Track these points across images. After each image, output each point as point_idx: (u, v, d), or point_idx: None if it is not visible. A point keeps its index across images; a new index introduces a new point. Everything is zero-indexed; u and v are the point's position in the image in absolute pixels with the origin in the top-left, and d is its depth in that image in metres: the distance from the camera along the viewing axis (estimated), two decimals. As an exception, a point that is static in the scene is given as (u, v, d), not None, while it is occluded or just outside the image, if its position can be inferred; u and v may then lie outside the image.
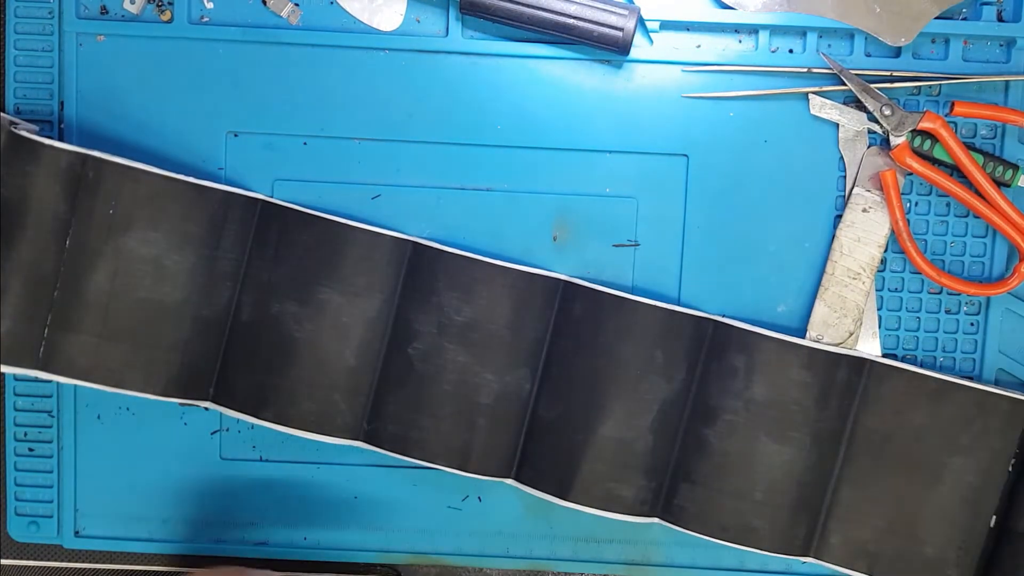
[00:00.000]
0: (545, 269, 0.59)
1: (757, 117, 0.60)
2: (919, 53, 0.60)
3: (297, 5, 0.60)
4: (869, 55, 0.60)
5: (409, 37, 0.60)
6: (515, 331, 0.58)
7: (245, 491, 0.63)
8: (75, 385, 0.59)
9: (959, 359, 0.61)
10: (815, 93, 0.60)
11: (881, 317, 0.61)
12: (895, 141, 0.59)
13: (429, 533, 0.63)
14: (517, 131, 0.60)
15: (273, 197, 0.59)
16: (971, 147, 0.59)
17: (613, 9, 0.57)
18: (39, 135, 0.56)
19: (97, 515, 0.63)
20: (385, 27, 0.60)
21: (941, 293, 0.61)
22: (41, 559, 0.65)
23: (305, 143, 0.61)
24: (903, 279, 0.61)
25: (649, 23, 0.59)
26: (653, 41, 0.60)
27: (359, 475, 0.63)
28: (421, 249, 0.59)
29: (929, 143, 0.59)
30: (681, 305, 0.60)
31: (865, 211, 0.60)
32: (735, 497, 0.58)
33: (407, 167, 0.61)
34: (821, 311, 0.60)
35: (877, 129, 0.59)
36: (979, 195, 0.58)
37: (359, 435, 0.59)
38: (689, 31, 0.60)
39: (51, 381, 0.61)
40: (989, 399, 0.58)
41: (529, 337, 0.59)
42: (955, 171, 0.59)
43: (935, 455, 0.58)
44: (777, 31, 0.59)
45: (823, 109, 0.60)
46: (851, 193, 0.60)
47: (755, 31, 0.60)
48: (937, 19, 0.59)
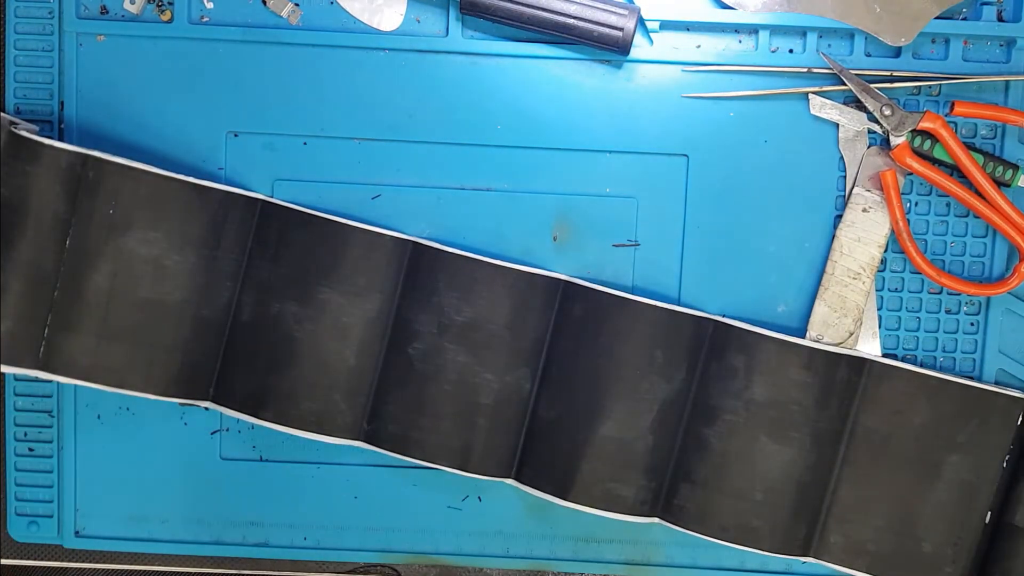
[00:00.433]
0: (545, 269, 0.59)
1: (757, 117, 0.60)
2: (919, 53, 0.60)
3: (297, 5, 0.60)
4: (869, 55, 0.60)
5: (409, 37, 0.60)
6: (515, 331, 0.58)
7: (245, 491, 0.63)
8: (75, 385, 0.59)
9: (959, 359, 0.61)
10: (815, 93, 0.60)
11: (881, 317, 0.61)
12: (895, 141, 0.59)
13: (429, 533, 0.63)
14: (517, 131, 0.60)
15: (273, 197, 0.59)
16: (971, 147, 0.59)
17: (613, 9, 0.57)
18: (39, 135, 0.56)
19: (97, 515, 0.63)
20: (385, 27, 0.60)
21: (941, 293, 0.61)
22: (41, 559, 0.65)
23: (305, 143, 0.61)
24: (903, 279, 0.61)
25: (649, 23, 0.59)
26: (653, 41, 0.60)
27: (359, 475, 0.63)
28: (421, 249, 0.59)
29: (929, 143, 0.59)
30: (681, 305, 0.60)
31: (865, 211, 0.60)
32: (735, 497, 0.58)
33: (407, 167, 0.61)
34: (821, 311, 0.60)
35: (877, 129, 0.59)
36: (979, 195, 0.58)
37: (359, 435, 0.59)
38: (689, 31, 0.60)
39: (51, 381, 0.61)
40: (985, 397, 0.58)
41: (529, 337, 0.59)
42: (955, 171, 0.59)
43: (933, 453, 0.58)
44: (777, 31, 0.59)
45: (823, 109, 0.60)
46: (851, 193, 0.60)
47: (755, 31, 0.60)
48: (937, 19, 0.59)
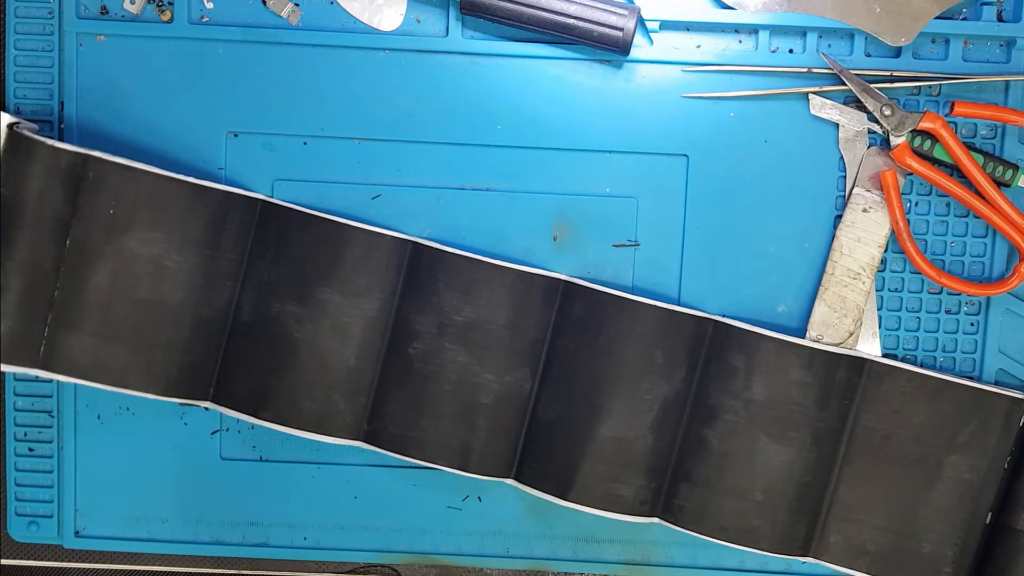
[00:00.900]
0: (545, 269, 0.59)
1: (757, 117, 0.60)
2: (919, 53, 0.60)
3: (297, 5, 0.60)
4: (869, 55, 0.60)
5: (409, 37, 0.60)
6: (515, 331, 0.58)
7: (245, 491, 0.63)
8: (75, 385, 0.59)
9: (959, 359, 0.61)
10: (815, 93, 0.60)
11: (881, 317, 0.61)
12: (895, 141, 0.59)
13: (429, 533, 0.63)
14: (517, 131, 0.60)
15: (273, 197, 0.59)
16: (971, 147, 0.59)
17: (613, 9, 0.57)
18: (39, 135, 0.56)
19: (97, 515, 0.63)
20: (385, 27, 0.60)
21: (941, 293, 0.61)
22: (41, 559, 0.65)
23: (305, 143, 0.61)
24: (903, 279, 0.61)
25: (649, 23, 0.59)
26: (653, 41, 0.60)
27: (359, 475, 0.63)
28: (421, 249, 0.59)
29: (929, 143, 0.59)
30: (681, 305, 0.60)
31: (865, 211, 0.60)
32: (735, 497, 0.58)
33: (407, 167, 0.61)
34: (821, 311, 0.60)
35: (877, 129, 0.59)
36: (979, 195, 0.58)
37: (359, 435, 0.59)
38: (689, 31, 0.60)
39: (52, 380, 0.61)
40: (986, 398, 0.58)
41: (529, 337, 0.59)
42: (955, 171, 0.59)
43: (934, 454, 0.58)
44: (777, 31, 0.59)
45: (823, 109, 0.60)
46: (851, 193, 0.60)
47: (755, 31, 0.60)
48: (937, 19, 0.59)
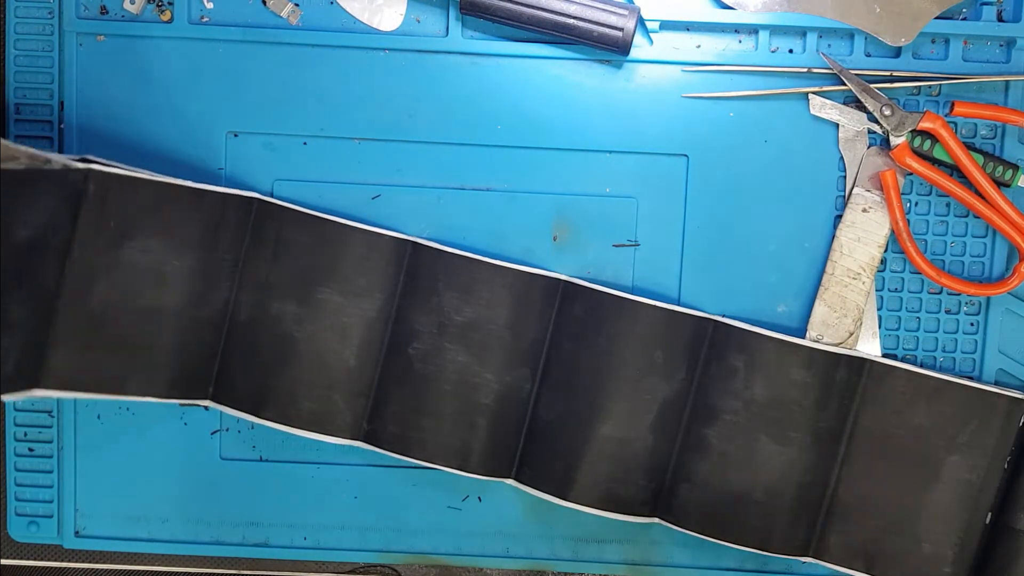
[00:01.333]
0: (545, 269, 0.59)
1: (757, 117, 0.60)
2: (919, 53, 0.60)
3: (297, 5, 0.60)
4: (869, 55, 0.60)
5: (409, 37, 0.60)
6: (515, 331, 0.58)
7: (245, 491, 0.63)
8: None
9: (959, 359, 0.61)
10: (815, 93, 0.60)
11: (881, 317, 0.61)
12: (895, 141, 0.59)
13: (429, 533, 0.63)
14: (517, 131, 0.60)
15: (273, 197, 0.59)
16: (971, 147, 0.59)
17: (613, 9, 0.57)
18: (39, 156, 0.51)
19: (97, 515, 0.63)
20: (385, 27, 0.60)
21: (941, 293, 0.61)
22: (41, 559, 0.65)
23: (305, 143, 0.61)
24: (903, 279, 0.61)
25: (649, 23, 0.59)
26: (653, 41, 0.60)
27: (359, 475, 0.63)
28: (421, 249, 0.59)
29: (929, 143, 0.59)
30: (681, 305, 0.60)
31: (865, 211, 0.60)
32: (735, 497, 0.58)
33: (407, 167, 0.61)
34: (821, 311, 0.60)
35: (877, 129, 0.59)
36: (979, 195, 0.58)
37: (359, 435, 0.59)
38: (689, 31, 0.60)
39: (51, 398, 0.59)
40: (986, 397, 0.58)
41: (529, 337, 0.59)
42: (955, 171, 0.59)
43: (934, 454, 0.58)
44: (777, 31, 0.59)
45: (823, 109, 0.60)
46: (851, 193, 0.60)
47: (755, 31, 0.60)
48: (937, 19, 0.59)
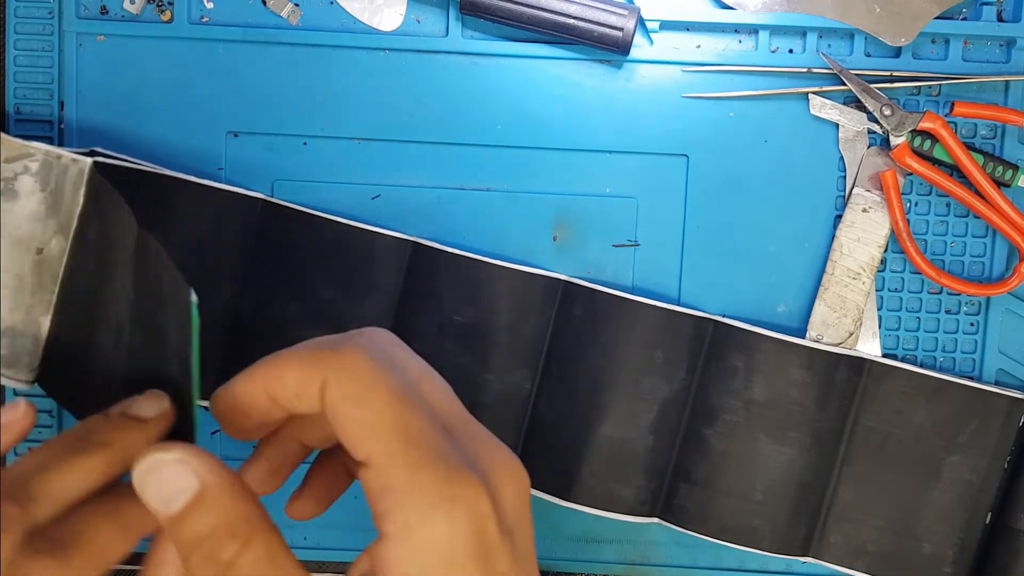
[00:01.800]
0: (545, 269, 0.59)
1: (757, 117, 0.60)
2: (919, 53, 0.60)
3: (297, 5, 0.60)
4: (869, 55, 0.60)
5: (409, 37, 0.60)
6: (515, 331, 0.58)
7: (245, 491, 0.63)
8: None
9: (959, 359, 0.61)
10: (815, 93, 0.60)
11: (881, 317, 0.61)
12: (895, 141, 0.59)
13: (429, 533, 0.63)
14: (517, 131, 0.60)
15: (273, 197, 0.59)
16: (971, 147, 0.59)
17: (613, 9, 0.57)
18: (52, 151, 0.53)
19: (97, 515, 0.63)
20: (385, 27, 0.60)
21: (941, 293, 0.61)
22: (41, 559, 0.65)
23: (305, 143, 0.61)
24: (903, 279, 0.61)
25: (649, 23, 0.59)
26: (653, 41, 0.60)
27: (359, 475, 0.63)
28: (421, 249, 0.59)
29: (929, 143, 0.59)
30: (681, 305, 0.60)
31: (865, 211, 0.60)
32: (735, 497, 0.58)
33: (407, 167, 0.61)
34: (821, 311, 0.60)
35: (877, 129, 0.59)
36: (979, 195, 0.58)
37: (359, 435, 0.59)
38: (689, 31, 0.60)
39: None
40: (986, 397, 0.58)
41: (529, 337, 0.59)
42: (955, 171, 0.59)
43: (934, 454, 0.58)
44: (777, 31, 0.59)
45: (823, 109, 0.60)
46: (851, 193, 0.60)
47: (755, 31, 0.60)
48: (937, 19, 0.59)
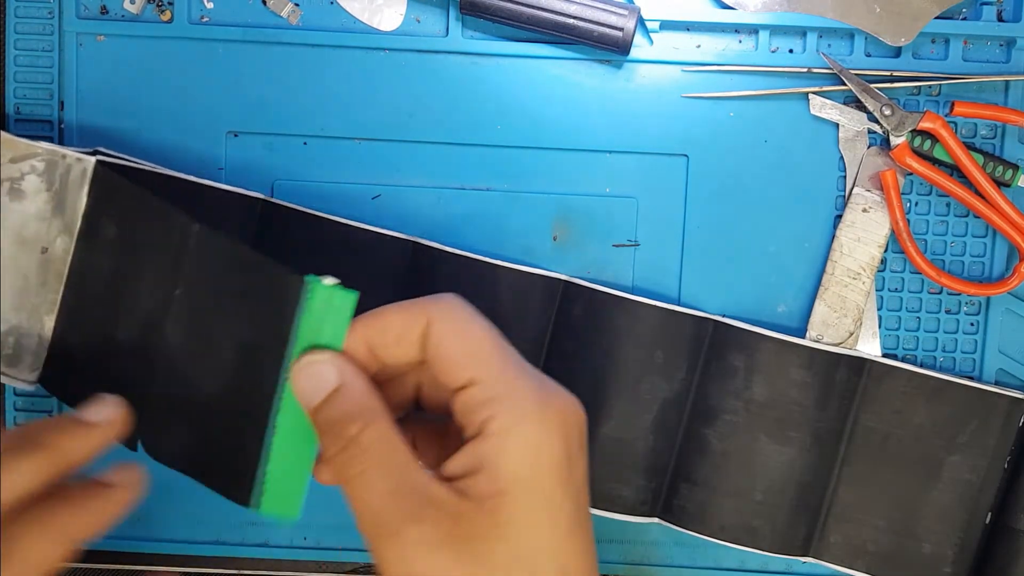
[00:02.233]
0: (545, 269, 0.59)
1: (757, 117, 0.60)
2: (919, 53, 0.60)
3: (297, 5, 0.60)
4: (869, 55, 0.60)
5: (409, 37, 0.60)
6: (515, 331, 0.58)
7: (245, 491, 0.63)
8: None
9: (959, 359, 0.61)
10: (815, 93, 0.60)
11: (881, 317, 0.61)
12: (895, 141, 0.59)
13: (429, 533, 0.63)
14: (517, 131, 0.60)
15: (273, 197, 0.59)
16: (971, 147, 0.59)
17: (613, 9, 0.57)
18: (56, 151, 0.54)
19: (97, 515, 0.63)
20: (385, 27, 0.60)
21: (941, 293, 0.61)
22: (41, 559, 0.65)
23: (305, 143, 0.61)
24: (903, 279, 0.61)
25: (649, 23, 0.59)
26: (653, 41, 0.60)
27: (359, 475, 0.63)
28: (421, 249, 0.59)
29: (929, 143, 0.59)
30: (681, 305, 0.60)
31: (865, 211, 0.60)
32: (735, 497, 0.58)
33: (407, 167, 0.61)
34: (821, 311, 0.60)
35: (877, 129, 0.59)
36: (979, 195, 0.58)
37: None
38: (689, 31, 0.60)
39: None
40: (986, 397, 0.58)
41: (529, 337, 0.59)
42: (955, 171, 0.59)
43: (934, 454, 0.58)
44: (777, 31, 0.59)
45: (823, 109, 0.60)
46: (851, 193, 0.60)
47: (755, 31, 0.60)
48: (937, 19, 0.59)
